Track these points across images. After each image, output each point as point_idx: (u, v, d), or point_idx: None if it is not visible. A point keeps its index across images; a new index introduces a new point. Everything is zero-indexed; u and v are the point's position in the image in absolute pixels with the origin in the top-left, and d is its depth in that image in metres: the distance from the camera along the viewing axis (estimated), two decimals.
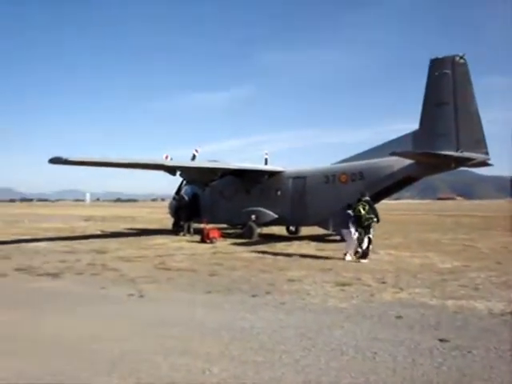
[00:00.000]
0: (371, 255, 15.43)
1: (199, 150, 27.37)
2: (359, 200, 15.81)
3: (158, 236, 24.68)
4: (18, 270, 13.44)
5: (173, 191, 28.47)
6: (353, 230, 15.57)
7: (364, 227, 15.41)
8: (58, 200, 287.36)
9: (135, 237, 24.97)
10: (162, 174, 24.00)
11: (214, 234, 21.65)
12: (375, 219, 15.64)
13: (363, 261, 14.89)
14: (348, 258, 15.33)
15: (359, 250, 15.38)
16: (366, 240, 15.33)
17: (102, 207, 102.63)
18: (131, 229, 31.56)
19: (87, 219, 45.27)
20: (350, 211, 15.90)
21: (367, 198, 16.02)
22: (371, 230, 15.60)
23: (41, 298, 9.98)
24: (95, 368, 5.77)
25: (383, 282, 11.36)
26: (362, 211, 15.36)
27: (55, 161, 18.09)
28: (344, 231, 16.01)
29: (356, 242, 15.59)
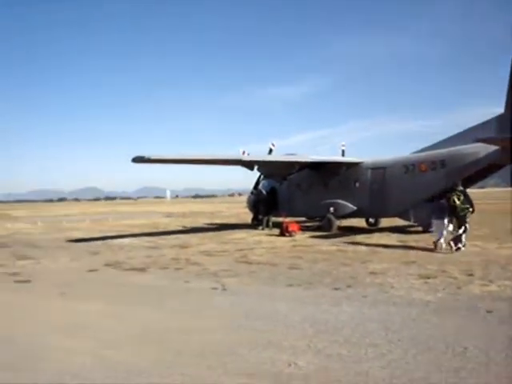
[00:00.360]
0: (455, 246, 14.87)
1: (275, 144, 27.48)
2: (453, 190, 15.37)
3: (238, 230, 25.06)
4: (106, 265, 14.11)
5: (250, 186, 28.81)
6: (446, 220, 15.16)
7: (459, 218, 14.94)
8: (139, 198, 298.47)
9: (215, 232, 25.49)
10: (239, 169, 24.31)
11: (293, 227, 21.70)
12: (470, 209, 15.12)
13: (456, 251, 14.47)
14: (441, 246, 14.91)
15: (451, 242, 14.86)
16: (461, 231, 14.88)
17: (181, 204, 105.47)
18: (211, 224, 32.23)
19: (168, 215, 46.76)
20: (443, 201, 15.49)
21: (461, 188, 15.53)
22: (467, 221, 15.09)
23: (129, 292, 10.41)
24: (184, 359, 5.95)
25: (470, 275, 10.91)
26: (457, 201, 14.90)
27: (137, 160, 18.80)
28: (435, 221, 15.58)
29: (449, 232, 15.18)
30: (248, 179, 28.59)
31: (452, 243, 14.79)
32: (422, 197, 19.46)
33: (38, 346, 6.69)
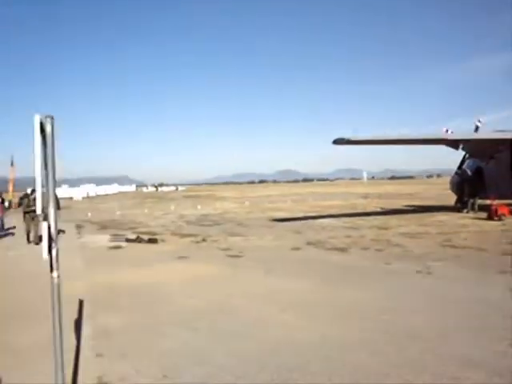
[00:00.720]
0: None
1: (482, 120, 25.51)
2: None
3: (438, 213, 23.98)
4: (308, 243, 14.66)
5: (449, 167, 27.24)
6: None
7: None
8: (336, 179, 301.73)
9: (414, 214, 24.72)
10: (437, 149, 23.14)
11: (503, 210, 20.00)
12: None
13: None
14: None
15: None
16: None
17: (377, 185, 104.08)
18: (409, 205, 31.31)
19: (365, 196, 46.55)
20: None
21: None
22: None
23: (332, 271, 10.63)
24: (391, 339, 5.94)
25: None
26: None
27: (338, 141, 19.05)
28: None
29: None
30: (447, 160, 27.08)
31: None
32: None
33: (256, 318, 7.18)
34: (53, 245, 3.35)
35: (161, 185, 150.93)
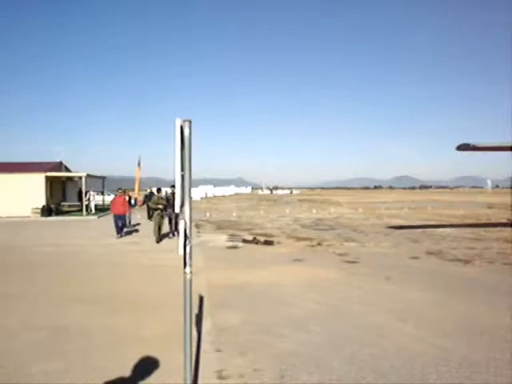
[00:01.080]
0: None
1: None
2: None
3: None
4: (428, 253, 14.09)
5: None
6: None
7: None
8: (455, 187, 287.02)
9: None
10: None
11: None
12: None
13: None
14: None
15: None
16: None
17: (502, 194, 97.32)
18: None
19: (490, 206, 43.77)
20: None
21: None
22: None
23: (455, 283, 10.10)
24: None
25: None
26: None
27: (463, 148, 18.09)
28: None
29: None
30: None
31: None
32: None
33: (372, 325, 7.10)
34: (187, 242, 3.53)
35: (275, 188, 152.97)
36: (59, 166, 38.51)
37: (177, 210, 3.47)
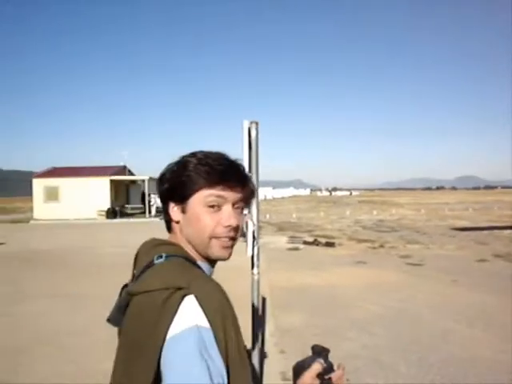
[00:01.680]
0: None
1: None
2: None
3: None
4: (496, 256, 13.62)
5: None
6: None
7: None
8: None
9: None
10: None
11: None
12: None
13: None
14: None
15: None
16: None
17: None
18: None
19: None
20: None
21: None
22: None
23: None
24: None
25: None
26: None
27: None
28: None
29: None
30: None
31: None
32: None
33: (440, 329, 6.93)
34: (255, 243, 3.57)
35: (334, 189, 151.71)
36: (123, 170, 39.66)
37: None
